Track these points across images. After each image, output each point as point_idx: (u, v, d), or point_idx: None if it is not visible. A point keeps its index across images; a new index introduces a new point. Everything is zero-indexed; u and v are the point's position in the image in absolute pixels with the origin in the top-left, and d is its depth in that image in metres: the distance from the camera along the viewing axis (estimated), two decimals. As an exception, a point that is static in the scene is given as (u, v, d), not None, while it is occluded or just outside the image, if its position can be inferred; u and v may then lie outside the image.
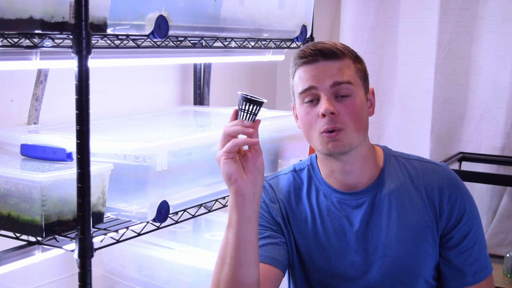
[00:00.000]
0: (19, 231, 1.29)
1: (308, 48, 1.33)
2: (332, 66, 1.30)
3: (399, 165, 1.39)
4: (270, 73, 2.89)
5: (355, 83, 1.31)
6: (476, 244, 1.35)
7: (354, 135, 1.30)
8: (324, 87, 1.29)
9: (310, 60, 1.31)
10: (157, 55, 1.63)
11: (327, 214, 1.37)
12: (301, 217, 1.39)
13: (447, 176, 1.37)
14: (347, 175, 1.36)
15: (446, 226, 1.34)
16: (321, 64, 1.31)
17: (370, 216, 1.35)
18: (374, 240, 1.34)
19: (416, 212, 1.34)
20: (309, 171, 1.43)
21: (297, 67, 1.34)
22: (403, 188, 1.36)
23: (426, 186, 1.36)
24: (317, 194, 1.40)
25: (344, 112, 1.29)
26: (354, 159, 1.34)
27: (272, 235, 1.37)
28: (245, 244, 1.22)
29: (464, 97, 2.68)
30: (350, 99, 1.30)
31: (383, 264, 1.33)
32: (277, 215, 1.40)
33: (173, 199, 1.45)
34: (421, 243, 1.33)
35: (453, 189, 1.35)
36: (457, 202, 1.34)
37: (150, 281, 1.81)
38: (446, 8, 2.59)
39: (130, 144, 1.38)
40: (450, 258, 1.35)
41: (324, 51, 1.31)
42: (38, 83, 1.61)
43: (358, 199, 1.36)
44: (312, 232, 1.38)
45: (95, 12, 1.24)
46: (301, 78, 1.33)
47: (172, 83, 2.24)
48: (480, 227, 1.37)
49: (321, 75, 1.30)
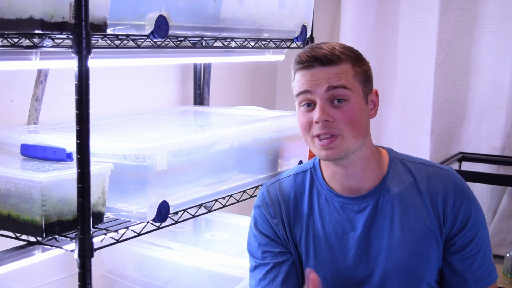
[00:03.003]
0: (19, 231, 1.29)
1: (305, 54, 1.32)
2: (328, 71, 1.30)
3: (404, 169, 1.38)
4: (270, 73, 2.88)
5: (352, 87, 1.30)
6: (481, 251, 1.34)
7: (351, 140, 1.29)
8: (319, 92, 1.29)
9: (306, 66, 1.32)
10: (157, 55, 1.63)
11: (329, 219, 1.37)
12: (302, 222, 1.39)
13: (452, 181, 1.35)
14: (349, 178, 1.35)
15: (450, 232, 1.33)
16: (317, 70, 1.30)
17: (373, 220, 1.34)
18: (377, 244, 1.33)
19: (419, 217, 1.33)
20: (312, 174, 1.43)
21: (295, 71, 1.35)
22: (407, 192, 1.35)
23: (431, 191, 1.34)
24: (318, 198, 1.39)
25: (340, 118, 1.28)
26: (354, 163, 1.33)
27: (276, 263, 1.38)
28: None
29: (464, 97, 2.68)
30: (346, 104, 1.29)
31: (385, 268, 1.33)
32: (279, 230, 1.40)
33: (173, 199, 1.45)
34: (425, 248, 1.32)
35: (458, 195, 1.34)
36: (462, 207, 1.33)
37: (150, 281, 1.81)
38: (446, 8, 2.59)
39: (130, 144, 1.38)
40: (453, 263, 1.34)
41: (320, 57, 1.30)
42: (38, 83, 1.61)
43: (361, 203, 1.35)
44: (313, 238, 1.37)
45: (95, 12, 1.24)
46: (298, 81, 1.33)
47: (172, 83, 2.24)
48: (486, 234, 1.36)
49: (316, 80, 1.30)
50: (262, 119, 1.86)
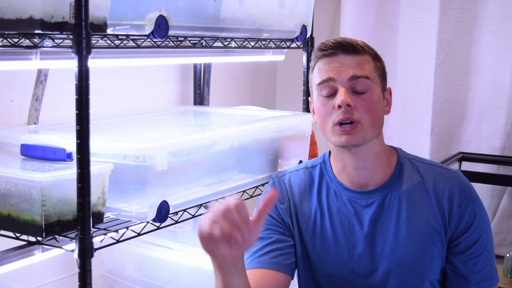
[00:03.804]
0: (19, 231, 1.29)
1: (329, 41, 1.34)
2: (352, 60, 1.31)
3: (412, 168, 1.39)
4: (270, 73, 2.88)
5: (373, 79, 1.32)
6: (484, 253, 1.34)
7: (369, 129, 1.30)
8: (342, 79, 1.30)
9: (330, 53, 1.32)
10: (157, 55, 1.63)
11: (336, 212, 1.38)
12: (310, 214, 1.40)
13: (459, 183, 1.36)
14: (359, 170, 1.36)
15: (454, 232, 1.34)
16: (341, 57, 1.32)
17: (379, 216, 1.35)
18: (382, 240, 1.34)
19: (425, 216, 1.34)
20: (321, 168, 1.44)
21: (317, 60, 1.35)
22: (414, 191, 1.36)
23: (437, 191, 1.35)
24: (327, 192, 1.40)
25: (360, 105, 1.30)
26: (366, 155, 1.34)
27: (279, 239, 1.37)
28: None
29: (464, 97, 2.68)
30: (367, 94, 1.31)
31: (389, 265, 1.33)
32: (285, 215, 1.40)
33: (173, 199, 1.45)
34: (429, 246, 1.33)
35: (464, 196, 1.35)
36: (468, 209, 1.34)
37: (150, 281, 1.81)
38: (446, 8, 2.59)
39: (130, 144, 1.38)
40: (456, 263, 1.34)
41: (345, 44, 1.32)
42: (38, 83, 1.61)
43: (369, 198, 1.36)
44: (320, 230, 1.38)
45: (95, 12, 1.24)
46: (320, 70, 1.34)
47: (172, 83, 2.24)
48: (489, 236, 1.37)
49: (340, 68, 1.31)
50: (262, 119, 1.86)
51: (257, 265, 1.34)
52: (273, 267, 1.33)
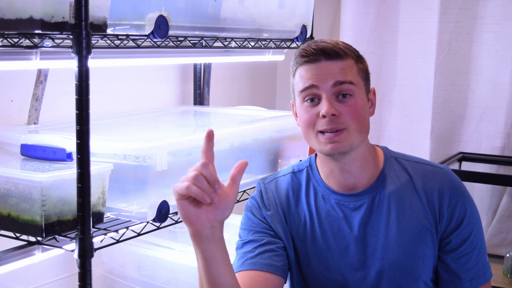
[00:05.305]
0: (19, 231, 1.29)
1: (310, 47, 1.30)
2: (334, 66, 1.29)
3: (399, 167, 1.38)
4: (270, 73, 2.89)
5: (357, 83, 1.30)
6: (475, 250, 1.33)
7: (355, 135, 1.29)
8: (326, 86, 1.28)
9: (312, 60, 1.29)
10: (157, 55, 1.63)
11: (325, 216, 1.36)
12: (299, 219, 1.38)
13: (448, 179, 1.35)
14: (346, 174, 1.35)
15: (445, 230, 1.33)
16: (323, 64, 1.29)
17: (368, 218, 1.34)
18: (373, 242, 1.33)
19: (415, 215, 1.33)
20: (308, 173, 1.42)
21: (298, 66, 1.32)
22: (402, 190, 1.35)
23: (426, 189, 1.34)
24: (315, 196, 1.39)
25: (345, 112, 1.27)
26: (353, 160, 1.33)
27: (270, 241, 1.36)
28: (215, 279, 1.16)
29: (464, 97, 2.68)
30: (351, 99, 1.29)
31: (381, 267, 1.32)
32: (273, 221, 1.38)
33: (173, 199, 1.44)
34: (420, 246, 1.32)
35: (453, 193, 1.33)
36: (458, 205, 1.32)
37: (150, 281, 1.81)
38: (446, 8, 2.59)
39: (130, 144, 1.38)
40: (447, 262, 1.34)
41: (327, 50, 1.29)
42: (38, 83, 1.61)
43: (357, 200, 1.35)
44: (310, 235, 1.37)
45: (95, 12, 1.24)
46: (302, 76, 1.31)
47: (172, 83, 2.24)
48: (480, 232, 1.36)
49: (323, 75, 1.29)
50: (262, 119, 1.86)
51: (249, 267, 1.32)
52: (265, 269, 1.31)
